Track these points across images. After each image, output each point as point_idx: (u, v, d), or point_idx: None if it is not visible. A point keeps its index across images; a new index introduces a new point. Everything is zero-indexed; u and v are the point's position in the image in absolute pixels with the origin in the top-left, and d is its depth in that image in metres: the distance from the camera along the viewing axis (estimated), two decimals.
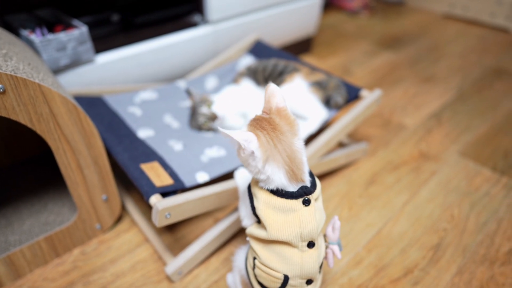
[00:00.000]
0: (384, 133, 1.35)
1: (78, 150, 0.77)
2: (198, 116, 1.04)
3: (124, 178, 1.09)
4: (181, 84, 1.24)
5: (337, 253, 0.64)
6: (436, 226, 0.98)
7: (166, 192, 0.78)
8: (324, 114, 1.05)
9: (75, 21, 1.08)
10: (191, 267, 0.85)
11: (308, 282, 0.61)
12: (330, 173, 1.15)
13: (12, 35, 0.90)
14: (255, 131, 0.56)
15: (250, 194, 0.62)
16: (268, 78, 1.12)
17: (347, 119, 1.01)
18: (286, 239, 0.57)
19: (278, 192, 0.57)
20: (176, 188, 0.80)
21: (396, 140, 1.31)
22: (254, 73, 1.14)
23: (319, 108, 1.05)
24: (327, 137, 0.97)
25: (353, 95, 1.11)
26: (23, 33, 1.00)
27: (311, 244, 0.58)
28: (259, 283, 0.62)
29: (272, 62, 1.14)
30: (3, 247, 0.83)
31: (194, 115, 1.05)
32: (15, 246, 0.83)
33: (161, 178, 0.81)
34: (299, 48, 1.82)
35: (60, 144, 0.74)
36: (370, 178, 1.14)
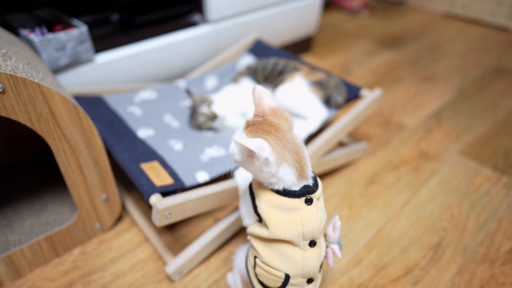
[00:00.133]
0: (384, 132, 1.34)
1: (78, 150, 0.77)
2: (198, 115, 1.04)
3: (124, 178, 1.09)
4: (181, 83, 1.24)
5: (337, 252, 0.65)
6: (436, 226, 0.98)
7: (166, 192, 0.78)
8: (324, 113, 1.05)
9: (75, 20, 1.07)
10: (191, 266, 0.85)
11: (309, 281, 0.61)
12: (330, 172, 1.15)
13: (11, 34, 0.90)
14: (262, 136, 0.54)
15: (252, 193, 0.61)
16: (268, 77, 1.12)
17: (347, 118, 1.01)
18: (288, 238, 0.57)
19: (281, 191, 0.57)
20: (176, 188, 0.80)
21: (396, 140, 1.31)
22: (254, 72, 1.14)
23: (319, 108, 1.05)
24: (327, 136, 0.97)
25: (353, 95, 1.11)
26: (23, 32, 1.00)
27: (312, 243, 0.58)
28: (260, 282, 0.62)
29: (272, 62, 1.14)
30: (3, 247, 0.83)
31: (194, 115, 1.05)
32: (15, 246, 0.83)
33: (161, 178, 0.81)
34: (299, 48, 1.82)
35: (60, 144, 0.74)
36: (370, 178, 1.14)
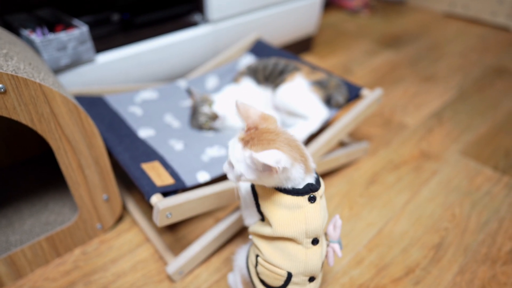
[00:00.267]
0: (385, 132, 1.34)
1: (79, 150, 0.77)
2: (199, 115, 1.04)
3: (125, 178, 1.09)
4: (181, 83, 1.24)
5: (337, 251, 0.65)
6: (437, 226, 0.98)
7: (167, 192, 0.78)
8: (325, 113, 1.05)
9: (76, 20, 1.08)
10: (192, 266, 0.85)
11: (311, 280, 0.61)
12: (330, 172, 1.15)
13: (12, 35, 0.90)
14: (269, 146, 0.53)
15: (254, 192, 0.61)
16: (268, 77, 1.12)
17: (347, 118, 1.01)
18: (292, 236, 0.57)
19: (284, 189, 0.57)
20: (177, 188, 0.80)
21: (396, 140, 1.31)
22: (254, 72, 1.14)
23: (320, 108, 1.05)
24: (328, 136, 0.97)
25: (353, 94, 1.10)
26: (24, 33, 1.00)
27: (315, 241, 0.59)
28: (261, 281, 0.62)
29: (272, 61, 1.14)
30: (4, 247, 0.83)
31: (195, 115, 1.05)
32: (16, 246, 0.83)
33: (162, 178, 0.81)
34: (300, 47, 1.82)
35: (61, 144, 0.74)
36: (370, 178, 1.14)
